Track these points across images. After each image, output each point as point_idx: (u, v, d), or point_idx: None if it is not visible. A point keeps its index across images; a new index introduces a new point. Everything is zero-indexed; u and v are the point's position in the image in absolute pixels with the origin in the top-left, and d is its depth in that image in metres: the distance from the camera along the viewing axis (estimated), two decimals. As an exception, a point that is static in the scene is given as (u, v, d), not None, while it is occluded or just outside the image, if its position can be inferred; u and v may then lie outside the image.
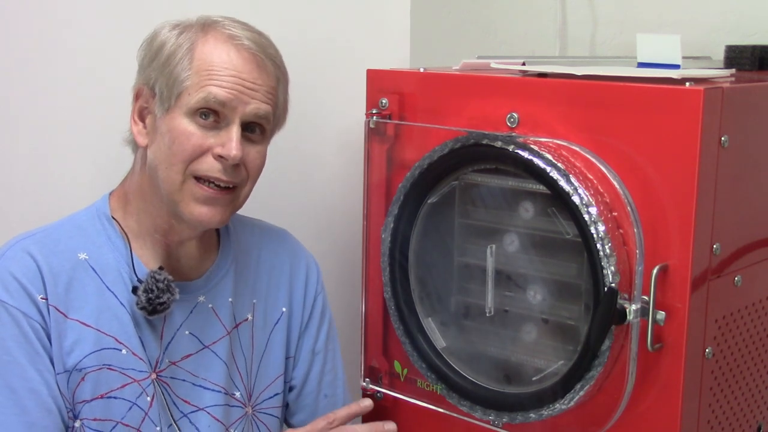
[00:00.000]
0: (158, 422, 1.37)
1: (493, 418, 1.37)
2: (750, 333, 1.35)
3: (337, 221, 1.96)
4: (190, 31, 1.36)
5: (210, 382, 1.44)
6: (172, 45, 1.35)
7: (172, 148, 1.32)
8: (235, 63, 1.34)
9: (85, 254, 1.36)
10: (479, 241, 1.43)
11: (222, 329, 1.46)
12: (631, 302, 1.21)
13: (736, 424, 1.36)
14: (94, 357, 1.33)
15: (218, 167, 1.33)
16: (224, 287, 1.47)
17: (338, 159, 1.95)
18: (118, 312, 1.35)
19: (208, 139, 1.33)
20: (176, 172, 1.33)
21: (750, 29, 1.62)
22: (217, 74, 1.33)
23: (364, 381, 1.55)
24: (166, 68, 1.34)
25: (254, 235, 1.56)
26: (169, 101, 1.33)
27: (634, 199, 1.22)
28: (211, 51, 1.34)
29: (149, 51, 1.37)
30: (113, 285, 1.36)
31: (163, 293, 1.35)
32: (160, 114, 1.34)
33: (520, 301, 1.40)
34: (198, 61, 1.33)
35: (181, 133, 1.32)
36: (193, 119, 1.32)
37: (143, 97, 1.37)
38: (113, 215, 1.40)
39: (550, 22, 1.84)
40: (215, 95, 1.32)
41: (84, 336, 1.32)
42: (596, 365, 1.24)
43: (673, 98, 1.18)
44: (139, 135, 1.37)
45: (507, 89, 1.35)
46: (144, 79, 1.37)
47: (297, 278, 1.57)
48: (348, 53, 1.93)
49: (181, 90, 1.32)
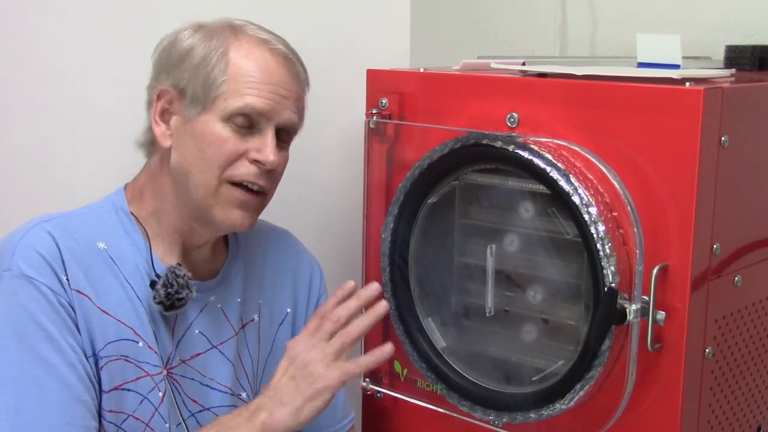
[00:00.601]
0: (167, 419, 1.37)
1: (493, 418, 1.37)
2: (750, 333, 1.35)
3: (337, 221, 1.96)
4: (220, 34, 1.36)
5: (217, 383, 1.44)
6: (203, 48, 1.34)
7: (207, 153, 1.33)
8: (272, 70, 1.35)
9: (104, 244, 1.35)
10: (479, 241, 1.43)
11: (230, 330, 1.46)
12: (631, 302, 1.21)
13: (736, 424, 1.36)
14: (114, 346, 1.31)
15: (255, 171, 1.34)
16: (234, 288, 1.48)
17: (338, 159, 1.95)
18: (135, 304, 1.35)
19: (244, 144, 1.33)
20: (212, 177, 1.33)
21: (750, 29, 1.62)
22: (255, 83, 1.33)
23: (364, 381, 1.54)
24: (201, 71, 1.33)
25: (260, 235, 1.56)
26: (203, 104, 1.33)
27: (634, 199, 1.22)
28: (247, 56, 1.34)
29: (174, 52, 1.36)
30: (131, 278, 1.35)
31: (182, 288, 1.34)
32: (193, 116, 1.34)
33: (520, 301, 1.40)
34: (233, 66, 1.33)
35: (217, 137, 1.32)
36: (227, 124, 1.33)
37: (166, 98, 1.36)
38: (131, 209, 1.39)
39: (550, 22, 1.84)
40: (253, 106, 1.33)
41: (105, 323, 1.31)
42: (596, 365, 1.24)
43: (673, 98, 1.18)
44: (163, 137, 1.37)
45: (507, 89, 1.35)
46: (172, 81, 1.35)
47: (301, 279, 1.57)
48: (348, 53, 1.93)
49: (217, 94, 1.32)
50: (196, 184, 1.34)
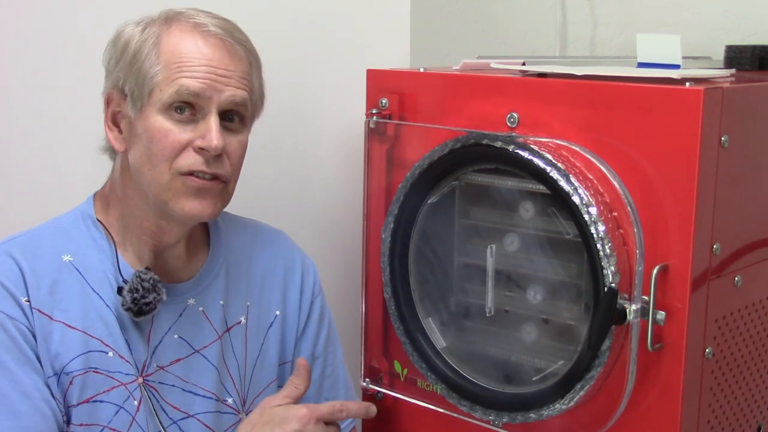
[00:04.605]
0: (146, 428, 1.34)
1: (493, 418, 1.37)
2: (750, 333, 1.35)
3: (337, 221, 1.95)
4: (154, 25, 1.32)
5: (200, 388, 1.41)
6: (136, 42, 1.31)
7: (152, 149, 1.29)
8: (204, 51, 1.30)
9: (69, 256, 1.33)
10: (479, 241, 1.43)
11: (213, 333, 1.43)
12: (631, 302, 1.21)
13: (736, 424, 1.36)
14: (81, 360, 1.30)
15: (201, 160, 1.30)
16: (215, 289, 1.44)
17: (338, 159, 1.95)
18: (103, 314, 1.33)
19: (187, 134, 1.30)
20: (161, 172, 1.30)
21: (750, 29, 1.62)
22: (187, 65, 1.29)
23: (364, 381, 1.54)
24: (134, 66, 1.30)
25: (247, 235, 1.53)
26: (141, 100, 1.30)
27: (634, 199, 1.22)
28: (178, 42, 1.30)
29: (114, 52, 1.33)
30: (98, 287, 1.33)
31: (148, 293, 1.31)
32: (134, 115, 1.31)
33: (520, 301, 1.40)
34: (165, 54, 1.29)
35: (158, 131, 1.29)
36: (168, 115, 1.29)
37: (114, 101, 1.34)
38: (98, 217, 1.37)
39: (550, 22, 1.84)
40: (187, 87, 1.28)
41: (70, 338, 1.30)
42: (596, 365, 1.24)
43: (673, 98, 1.18)
44: (116, 141, 1.34)
45: (507, 89, 1.35)
46: (112, 82, 1.33)
47: (292, 281, 1.54)
48: (348, 53, 1.93)
49: (152, 87, 1.29)
50: (149, 181, 1.31)
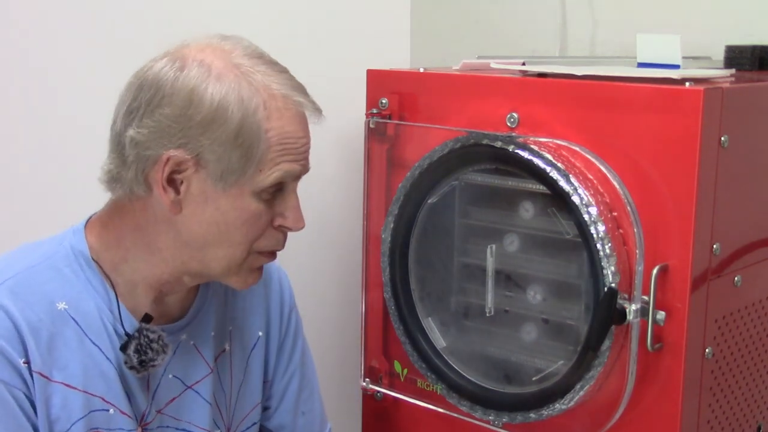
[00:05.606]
0: None
1: (493, 418, 1.37)
2: (750, 333, 1.35)
3: (337, 221, 1.95)
4: (249, 87, 1.16)
5: (194, 425, 1.32)
6: (236, 113, 1.15)
7: (238, 229, 1.19)
8: (301, 133, 1.21)
9: (64, 303, 1.20)
10: (479, 241, 1.43)
11: (205, 367, 1.33)
12: (631, 302, 1.21)
13: (736, 424, 1.36)
14: (83, 423, 1.20)
15: (282, 239, 1.24)
16: (206, 321, 1.34)
17: (338, 159, 1.95)
18: (104, 368, 1.22)
19: (271, 212, 1.22)
20: (241, 251, 1.21)
21: (750, 29, 1.62)
22: (292, 147, 1.19)
23: (364, 381, 1.55)
24: (238, 140, 1.15)
25: None
26: (233, 176, 1.16)
27: (634, 199, 1.22)
28: (285, 125, 1.18)
29: (196, 114, 1.15)
30: (97, 338, 1.22)
31: (157, 354, 1.23)
32: (215, 188, 1.17)
33: (520, 301, 1.40)
34: (274, 137, 1.17)
35: (252, 214, 1.19)
36: (259, 197, 1.19)
37: (179, 164, 1.16)
38: (93, 256, 1.23)
39: (550, 22, 1.84)
40: (291, 172, 1.20)
41: (71, 400, 1.20)
42: (596, 365, 1.24)
43: (673, 98, 1.18)
44: (174, 205, 1.18)
45: (507, 89, 1.35)
46: (191, 148, 1.15)
47: (272, 298, 1.44)
48: (348, 53, 1.93)
49: (253, 166, 1.17)
50: (218, 258, 1.21)
